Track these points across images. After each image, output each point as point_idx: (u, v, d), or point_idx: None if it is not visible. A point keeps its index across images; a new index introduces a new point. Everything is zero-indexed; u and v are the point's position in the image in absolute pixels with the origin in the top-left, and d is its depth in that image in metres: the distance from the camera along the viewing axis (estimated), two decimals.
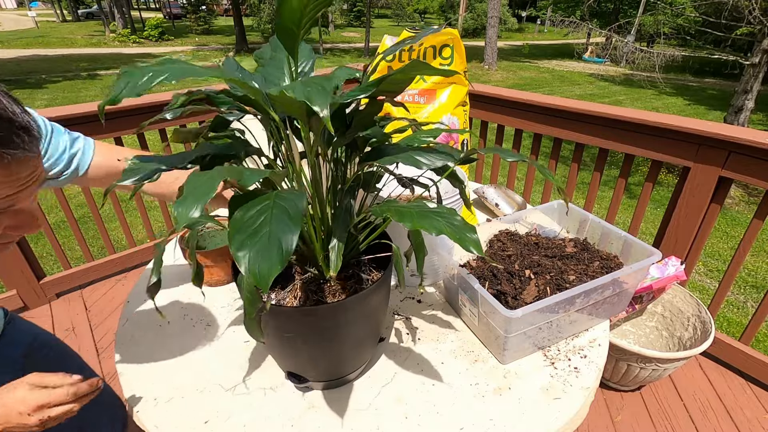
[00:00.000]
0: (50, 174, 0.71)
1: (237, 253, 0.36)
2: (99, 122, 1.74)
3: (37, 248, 3.27)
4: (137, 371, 0.75)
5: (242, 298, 0.50)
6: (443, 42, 1.17)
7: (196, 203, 0.36)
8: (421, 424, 0.65)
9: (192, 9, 22.99)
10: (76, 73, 11.90)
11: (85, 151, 0.75)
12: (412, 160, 0.53)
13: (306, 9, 0.42)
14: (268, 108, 0.49)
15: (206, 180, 0.39)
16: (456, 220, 0.45)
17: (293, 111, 0.46)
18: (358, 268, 0.69)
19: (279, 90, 0.39)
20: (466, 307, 0.80)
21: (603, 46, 15.57)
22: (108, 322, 1.84)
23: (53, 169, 0.71)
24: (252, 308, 0.49)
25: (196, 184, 0.38)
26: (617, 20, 13.56)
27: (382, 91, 0.51)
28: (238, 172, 0.41)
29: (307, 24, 0.45)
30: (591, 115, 1.65)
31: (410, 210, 0.47)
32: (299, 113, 0.46)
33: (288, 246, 0.36)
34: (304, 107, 0.44)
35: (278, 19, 0.43)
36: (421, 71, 0.47)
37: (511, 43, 24.12)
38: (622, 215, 4.66)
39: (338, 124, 0.56)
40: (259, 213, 0.39)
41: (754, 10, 5.07)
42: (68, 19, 30.69)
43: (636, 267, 0.80)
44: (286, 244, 0.36)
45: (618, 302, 0.86)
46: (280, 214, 0.39)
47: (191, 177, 0.39)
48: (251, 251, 0.36)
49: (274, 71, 0.60)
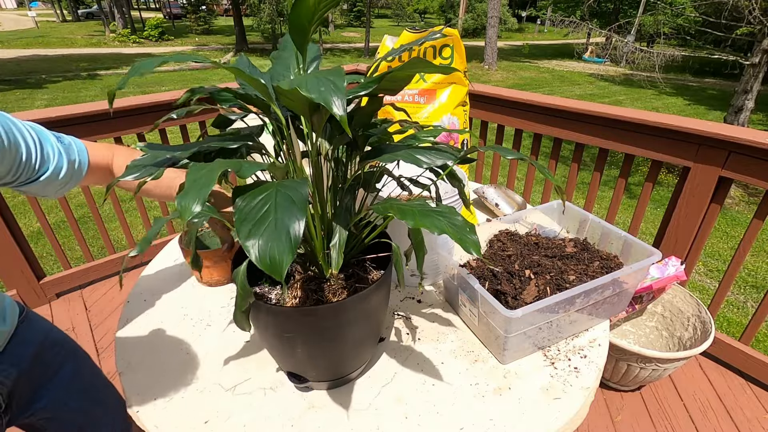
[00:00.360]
0: (59, 179, 0.70)
1: (245, 242, 0.36)
2: (99, 122, 1.75)
3: (37, 248, 3.27)
4: (137, 371, 0.75)
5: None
6: (443, 42, 1.17)
7: (197, 196, 0.36)
8: (421, 424, 0.65)
9: (192, 9, 22.99)
10: (76, 73, 11.91)
11: (80, 151, 0.74)
12: (413, 159, 0.53)
13: (319, 6, 0.43)
14: (272, 103, 0.49)
15: (206, 172, 0.39)
16: (457, 219, 0.46)
17: (297, 107, 0.46)
18: (358, 267, 0.69)
19: (290, 85, 0.39)
20: (466, 307, 0.80)
21: (603, 46, 15.57)
22: (108, 322, 1.84)
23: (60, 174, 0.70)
24: (243, 302, 0.50)
25: (196, 176, 0.38)
26: (617, 20, 13.56)
27: (382, 89, 0.52)
28: (236, 164, 0.41)
29: (317, 21, 0.45)
30: (591, 115, 1.65)
31: (412, 208, 0.47)
32: (303, 110, 0.46)
33: (296, 233, 0.36)
34: (310, 104, 0.44)
35: (293, 16, 0.44)
36: (420, 68, 0.48)
37: (511, 43, 24.12)
38: (622, 215, 4.66)
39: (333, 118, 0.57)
40: (263, 202, 0.39)
41: (754, 10, 5.07)
42: (68, 19, 30.69)
43: (636, 267, 0.80)
44: (294, 231, 0.36)
45: (618, 302, 0.86)
46: (284, 202, 0.39)
47: (191, 170, 0.39)
48: (260, 239, 0.36)
49: (281, 70, 0.61)
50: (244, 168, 0.41)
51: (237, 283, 0.51)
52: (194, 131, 4.10)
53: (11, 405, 0.74)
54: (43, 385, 0.80)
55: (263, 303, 0.60)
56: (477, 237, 0.44)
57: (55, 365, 0.83)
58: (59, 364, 0.84)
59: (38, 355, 0.79)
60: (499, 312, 0.67)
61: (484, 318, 0.75)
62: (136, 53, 15.97)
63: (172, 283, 0.99)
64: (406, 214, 0.45)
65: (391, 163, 0.61)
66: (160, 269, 1.04)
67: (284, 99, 0.45)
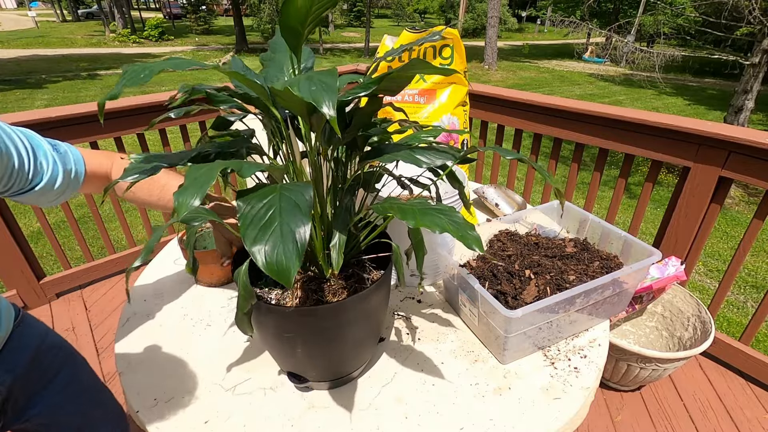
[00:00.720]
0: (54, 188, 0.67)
1: (252, 248, 0.35)
2: (98, 122, 1.74)
3: (37, 248, 3.27)
4: (137, 371, 0.75)
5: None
6: (443, 42, 1.17)
7: (196, 192, 0.36)
8: (421, 424, 0.65)
9: (192, 9, 22.98)
10: (76, 73, 11.90)
11: (77, 160, 0.72)
12: (412, 159, 0.53)
13: (312, 8, 0.43)
14: (270, 104, 0.49)
15: (206, 171, 0.39)
16: (458, 217, 0.46)
17: (295, 108, 0.46)
18: (358, 267, 0.69)
19: (283, 85, 0.39)
20: (466, 307, 0.80)
21: (603, 46, 15.57)
22: (108, 322, 1.84)
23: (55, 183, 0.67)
24: (245, 303, 0.50)
25: (196, 174, 0.38)
26: (617, 20, 13.56)
27: (382, 89, 0.52)
28: (236, 164, 0.41)
29: (312, 23, 0.45)
30: (591, 115, 1.65)
31: (413, 207, 0.47)
32: (300, 110, 0.46)
33: (302, 238, 0.36)
34: (307, 105, 0.44)
35: (283, 17, 0.43)
36: (420, 69, 0.48)
37: (511, 43, 24.12)
38: (622, 215, 4.66)
39: (339, 123, 0.57)
40: (267, 206, 0.39)
41: (754, 10, 5.07)
42: (68, 19, 30.69)
43: (636, 267, 0.80)
44: (300, 236, 0.36)
45: (618, 302, 0.86)
46: (288, 206, 0.39)
47: (191, 169, 0.39)
48: (266, 245, 0.36)
49: (274, 72, 0.60)
50: (244, 168, 0.41)
51: (238, 284, 0.50)
52: (194, 131, 4.10)
53: (6, 410, 0.72)
54: (39, 392, 0.78)
55: (263, 303, 0.60)
56: (478, 233, 0.44)
57: (52, 369, 0.81)
58: (56, 369, 0.82)
59: (35, 360, 0.77)
60: (499, 312, 0.67)
61: (484, 318, 0.75)
62: (136, 53, 15.96)
63: (172, 283, 0.99)
64: (406, 213, 0.45)
65: (391, 163, 0.61)
66: (160, 269, 1.04)
67: (280, 100, 0.45)
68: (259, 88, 0.47)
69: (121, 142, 1.90)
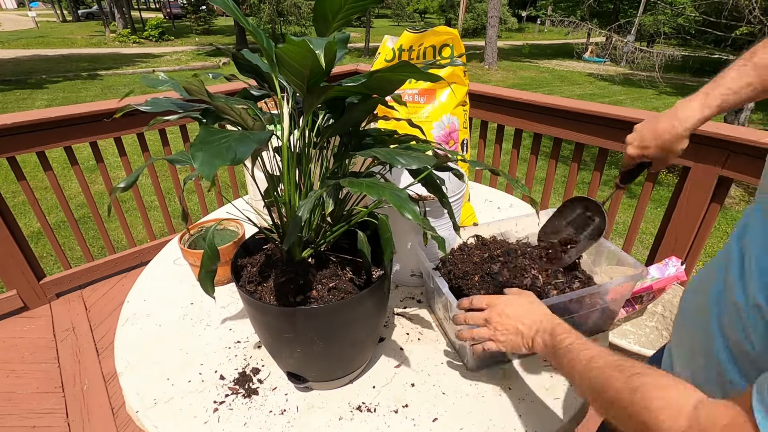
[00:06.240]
0: None
1: (195, 153, 0.36)
2: (98, 122, 1.75)
3: (37, 248, 3.27)
4: (137, 371, 0.75)
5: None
6: (443, 42, 1.17)
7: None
8: (420, 424, 0.65)
9: (192, 9, 22.97)
10: (76, 73, 11.90)
11: None
12: (391, 158, 0.54)
13: (344, 6, 0.51)
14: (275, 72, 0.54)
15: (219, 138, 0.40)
16: (402, 193, 0.48)
17: (296, 72, 0.48)
18: (358, 267, 0.69)
19: (285, 44, 0.42)
20: (440, 311, 0.80)
21: (603, 45, 15.57)
22: (108, 322, 1.84)
23: None
24: (209, 262, 0.56)
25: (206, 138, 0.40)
26: (617, 20, 13.56)
27: (373, 87, 0.55)
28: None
29: (342, 20, 0.52)
30: (591, 115, 1.65)
31: (363, 181, 0.51)
32: (300, 79, 0.49)
33: (242, 154, 0.38)
34: (307, 76, 0.47)
35: (319, 3, 0.51)
36: (407, 72, 0.49)
37: (511, 43, 24.11)
38: (622, 215, 4.66)
39: (332, 112, 0.63)
40: (224, 136, 0.41)
41: (754, 10, 5.07)
42: (68, 19, 30.68)
43: (615, 283, 0.77)
44: (240, 152, 0.38)
45: (601, 317, 0.83)
46: (242, 137, 0.41)
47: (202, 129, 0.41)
48: (207, 153, 0.37)
49: None
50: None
51: (206, 243, 0.56)
52: (194, 131, 4.10)
53: None
54: None
55: (263, 303, 0.60)
56: (417, 208, 0.47)
57: None
58: None
59: None
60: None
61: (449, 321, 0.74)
62: (136, 53, 15.95)
63: (172, 283, 0.99)
64: (354, 184, 0.49)
65: (384, 164, 0.63)
66: (160, 269, 1.04)
67: (287, 64, 0.47)
68: (266, 47, 0.51)
69: (121, 142, 1.90)
